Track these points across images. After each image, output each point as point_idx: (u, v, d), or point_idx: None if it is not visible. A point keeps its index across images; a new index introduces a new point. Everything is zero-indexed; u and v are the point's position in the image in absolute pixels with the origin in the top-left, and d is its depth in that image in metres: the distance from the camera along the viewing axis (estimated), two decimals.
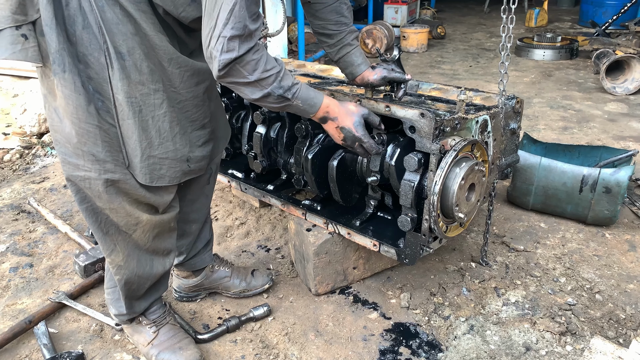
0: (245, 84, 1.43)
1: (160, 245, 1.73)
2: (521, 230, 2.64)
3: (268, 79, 1.44)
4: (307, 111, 1.62)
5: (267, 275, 2.21)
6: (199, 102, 1.60)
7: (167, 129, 1.53)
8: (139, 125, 1.48)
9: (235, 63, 1.37)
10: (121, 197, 1.56)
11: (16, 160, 3.57)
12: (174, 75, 1.50)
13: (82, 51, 1.40)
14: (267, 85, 1.45)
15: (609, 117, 4.27)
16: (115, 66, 1.41)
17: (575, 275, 2.28)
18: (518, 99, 2.13)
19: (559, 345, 1.90)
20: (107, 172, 1.50)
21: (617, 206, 2.53)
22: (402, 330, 1.99)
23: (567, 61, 6.12)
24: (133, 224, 1.62)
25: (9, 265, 2.41)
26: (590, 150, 2.92)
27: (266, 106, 1.56)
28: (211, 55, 1.37)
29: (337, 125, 1.69)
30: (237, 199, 2.96)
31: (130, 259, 1.69)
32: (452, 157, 1.67)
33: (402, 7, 7.51)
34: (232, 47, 1.34)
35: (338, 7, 1.87)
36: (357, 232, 2.01)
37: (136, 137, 1.49)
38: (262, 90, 1.45)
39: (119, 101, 1.45)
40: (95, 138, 1.47)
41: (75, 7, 1.37)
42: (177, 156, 1.58)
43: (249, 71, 1.40)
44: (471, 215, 1.87)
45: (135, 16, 1.39)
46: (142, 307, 1.84)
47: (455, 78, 5.56)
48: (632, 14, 6.87)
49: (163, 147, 1.54)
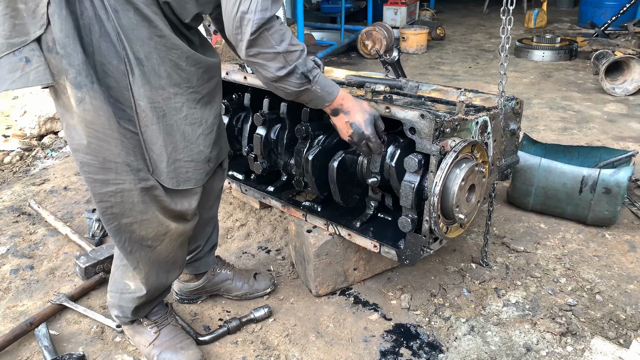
0: (272, 55, 1.40)
1: (180, 254, 1.75)
2: (521, 231, 2.64)
3: (294, 53, 1.42)
4: (324, 99, 1.59)
5: (269, 279, 2.21)
6: (212, 98, 1.62)
7: (190, 132, 1.53)
8: (163, 130, 1.48)
9: (264, 29, 1.34)
10: (155, 205, 1.55)
11: (16, 163, 3.58)
12: (192, 73, 1.50)
13: (101, 60, 1.38)
14: (292, 61, 1.43)
15: (608, 117, 4.28)
16: (137, 72, 1.40)
17: (575, 276, 2.28)
18: (518, 100, 2.14)
19: (559, 345, 1.90)
20: (142, 181, 1.50)
21: (617, 207, 2.53)
22: (402, 331, 2.00)
23: (566, 62, 6.13)
24: (162, 233, 1.62)
25: (10, 267, 2.41)
26: (589, 151, 2.92)
27: (283, 90, 1.52)
28: (244, 20, 1.34)
29: (348, 120, 1.68)
30: (237, 201, 2.96)
31: (151, 274, 1.70)
32: (452, 158, 1.67)
33: (401, 8, 7.52)
34: (265, 6, 1.32)
35: None
36: (358, 233, 2.01)
37: (161, 142, 1.48)
38: (288, 66, 1.43)
39: (142, 107, 1.44)
40: (128, 147, 1.46)
41: (91, 15, 1.35)
42: (200, 158, 1.58)
43: (277, 41, 1.38)
44: (471, 216, 1.87)
45: (152, 18, 1.38)
46: (147, 311, 1.85)
47: (454, 79, 5.56)
48: (631, 15, 6.88)
49: (188, 149, 1.54)
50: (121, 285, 1.77)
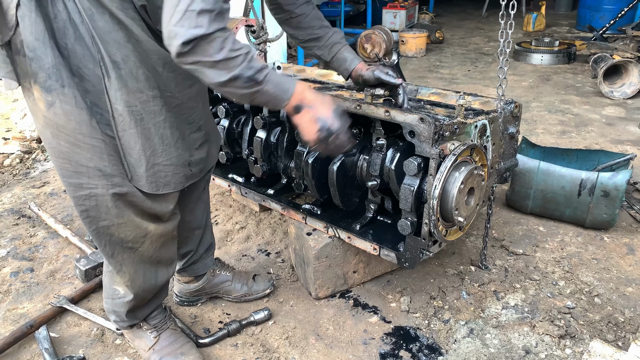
0: (210, 64, 1.27)
1: (165, 254, 1.73)
2: (520, 234, 2.65)
3: (236, 59, 1.29)
4: (280, 97, 1.46)
5: (268, 280, 2.21)
6: (194, 103, 1.59)
7: (168, 135, 1.51)
8: (141, 134, 1.45)
9: (200, 39, 1.22)
10: (130, 209, 1.53)
11: (16, 165, 3.58)
12: (169, 79, 1.47)
13: (76, 64, 1.35)
14: (234, 67, 1.30)
15: (606, 121, 4.29)
16: (112, 76, 1.38)
17: (574, 279, 2.29)
18: (516, 104, 2.15)
19: (558, 348, 1.91)
20: (115, 187, 1.48)
21: (615, 210, 2.54)
22: (402, 333, 2.00)
23: (565, 65, 6.15)
24: (141, 235, 1.60)
25: (10, 270, 2.41)
26: (588, 154, 2.93)
27: (233, 94, 1.40)
28: (173, 33, 1.22)
29: (313, 115, 1.51)
30: (237, 203, 2.96)
31: (137, 276, 1.68)
32: (451, 162, 1.68)
33: (400, 11, 7.55)
34: (200, 23, 1.20)
35: (317, 14, 1.90)
36: (358, 236, 2.02)
37: (140, 147, 1.46)
38: (229, 72, 1.29)
39: (119, 112, 1.41)
40: (102, 152, 1.44)
41: (65, 18, 1.32)
42: (179, 161, 1.57)
43: (216, 49, 1.25)
44: (471, 219, 1.88)
45: (126, 23, 1.36)
46: (144, 315, 1.84)
47: (453, 82, 5.58)
48: (630, 19, 6.91)
49: (167, 153, 1.52)
50: (111, 291, 1.76)
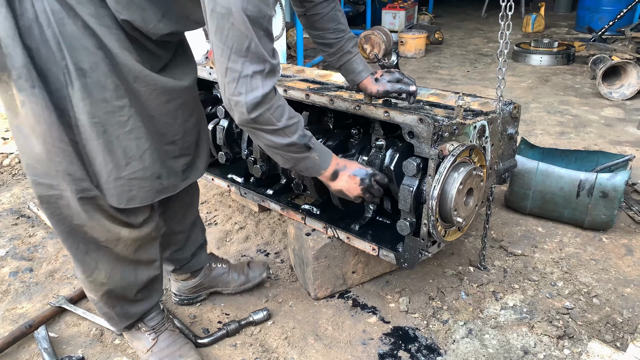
0: (272, 131, 1.39)
1: (143, 256, 1.68)
2: (519, 235, 2.66)
3: (293, 126, 1.42)
4: (320, 165, 1.60)
5: (262, 265, 2.24)
6: (170, 119, 1.53)
7: (133, 148, 1.44)
8: (103, 147, 1.40)
9: (264, 107, 1.32)
10: (99, 213, 1.50)
11: (15, 165, 3.58)
12: (140, 92, 1.42)
13: (41, 65, 1.30)
14: (292, 133, 1.42)
15: (605, 122, 4.30)
16: (76, 85, 1.33)
17: (572, 279, 2.30)
18: (515, 105, 2.15)
19: (556, 349, 1.91)
20: (84, 191, 1.44)
21: (614, 210, 2.55)
22: (401, 334, 2.00)
23: (563, 66, 6.16)
24: (114, 239, 1.56)
25: (9, 270, 2.41)
26: (587, 155, 2.94)
27: (282, 157, 1.51)
28: (233, 102, 1.31)
29: (349, 173, 1.70)
30: (237, 204, 2.97)
31: (114, 273, 1.63)
32: (450, 162, 1.69)
33: (400, 12, 7.55)
34: (255, 85, 1.28)
35: (334, 15, 1.84)
36: (357, 236, 2.02)
37: (101, 159, 1.42)
38: (288, 138, 1.42)
39: (81, 122, 1.37)
40: (71, 157, 1.39)
41: (31, 18, 1.27)
42: (146, 175, 1.49)
43: (277, 117, 1.36)
44: (469, 220, 1.88)
45: (98, 32, 1.31)
46: (136, 313, 1.79)
47: (452, 83, 5.59)
48: (628, 20, 6.92)
49: (130, 167, 1.45)
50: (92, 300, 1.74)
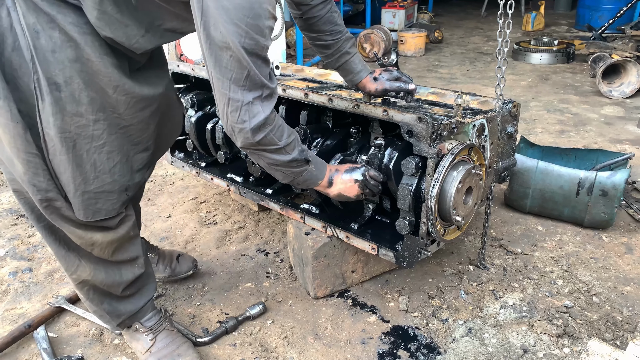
0: (274, 150, 1.45)
1: (123, 256, 1.66)
2: (518, 233, 2.65)
3: (292, 143, 1.49)
4: (317, 176, 1.66)
5: (191, 262, 2.26)
6: (144, 126, 1.53)
7: (104, 161, 1.44)
8: (72, 161, 1.39)
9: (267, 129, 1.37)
10: (67, 222, 1.49)
11: None
12: (119, 102, 1.41)
13: (12, 74, 1.28)
14: (292, 150, 1.49)
15: (605, 120, 4.30)
16: (47, 100, 1.31)
17: (572, 278, 2.29)
18: (515, 103, 2.15)
19: (556, 347, 1.91)
20: (48, 200, 1.43)
21: (613, 209, 2.54)
22: (400, 333, 2.00)
23: (563, 65, 6.15)
24: (88, 244, 1.56)
25: (9, 270, 2.41)
26: (586, 154, 2.93)
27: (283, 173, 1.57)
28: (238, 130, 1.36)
29: (342, 176, 1.75)
30: (236, 203, 2.96)
31: (97, 271, 1.63)
32: (449, 161, 1.68)
33: (399, 11, 7.54)
34: (256, 110, 1.33)
35: (330, 17, 1.85)
36: (356, 235, 2.02)
37: (69, 174, 1.40)
38: (289, 155, 1.48)
39: (50, 136, 1.34)
40: (36, 168, 1.38)
41: (5, 26, 1.25)
42: (114, 188, 1.49)
43: (279, 137, 1.42)
44: (469, 219, 1.88)
45: (79, 40, 1.30)
46: (126, 310, 1.77)
47: (452, 82, 5.58)
48: (628, 18, 6.92)
49: (99, 180, 1.45)
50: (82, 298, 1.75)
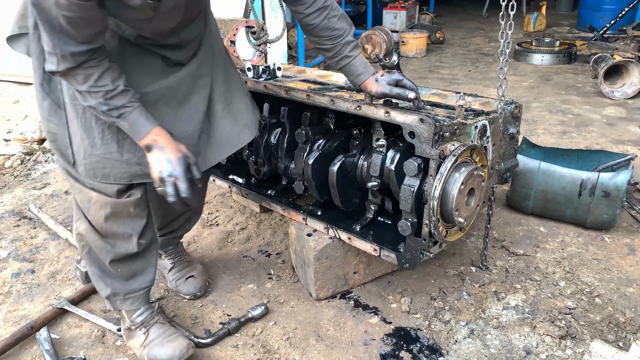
0: (78, 90, 1.51)
1: (117, 229, 1.73)
2: (521, 235, 2.65)
3: (96, 93, 1.49)
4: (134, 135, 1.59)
5: (196, 289, 2.21)
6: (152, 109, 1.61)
7: (113, 132, 1.60)
8: (82, 125, 1.59)
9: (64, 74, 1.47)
10: (72, 179, 1.70)
11: (17, 167, 3.59)
12: None
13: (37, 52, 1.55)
14: (93, 99, 1.50)
15: (607, 121, 4.29)
16: None
17: (574, 279, 2.29)
18: (517, 104, 2.15)
19: (559, 349, 1.91)
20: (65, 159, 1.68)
21: (616, 210, 2.54)
22: (402, 334, 2.00)
23: (565, 65, 6.15)
24: (87, 200, 1.69)
25: (11, 272, 2.41)
26: (589, 155, 2.93)
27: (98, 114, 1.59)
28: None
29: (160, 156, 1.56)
30: (238, 204, 2.97)
31: (91, 233, 1.75)
32: (451, 162, 1.68)
33: (401, 12, 7.55)
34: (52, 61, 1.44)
35: (327, 23, 1.88)
36: (358, 237, 2.02)
37: (79, 136, 1.61)
38: (88, 102, 1.51)
39: (66, 103, 1.60)
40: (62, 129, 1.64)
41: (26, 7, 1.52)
42: (122, 158, 1.62)
43: (80, 82, 1.48)
44: (471, 220, 1.88)
45: None
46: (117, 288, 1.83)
47: (454, 83, 5.58)
48: (630, 19, 6.91)
49: (106, 147, 1.61)
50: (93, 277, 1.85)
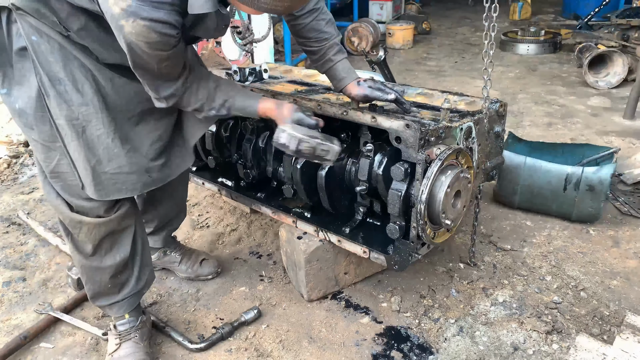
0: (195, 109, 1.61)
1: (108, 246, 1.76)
2: (508, 229, 2.69)
3: (202, 106, 1.60)
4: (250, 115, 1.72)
5: (214, 267, 2.37)
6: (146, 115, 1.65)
7: (118, 146, 1.57)
8: (84, 145, 1.53)
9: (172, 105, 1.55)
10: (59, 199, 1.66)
11: (4, 170, 3.55)
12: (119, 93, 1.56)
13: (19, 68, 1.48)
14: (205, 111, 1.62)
15: (592, 112, 4.34)
16: (52, 94, 1.46)
17: (560, 273, 2.34)
18: (502, 103, 2.17)
19: (545, 344, 1.95)
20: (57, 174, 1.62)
21: (600, 203, 2.59)
22: (393, 334, 2.04)
23: (550, 55, 6.19)
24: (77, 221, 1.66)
25: (2, 280, 2.40)
26: (574, 148, 2.97)
27: None
28: None
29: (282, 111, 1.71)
30: (228, 205, 2.97)
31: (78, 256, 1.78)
32: (437, 167, 1.70)
33: (387, 3, 7.53)
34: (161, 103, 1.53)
35: (316, 25, 1.89)
36: (348, 239, 2.04)
37: (83, 157, 1.54)
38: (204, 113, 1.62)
39: (61, 125, 1.50)
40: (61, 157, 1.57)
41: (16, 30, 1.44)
42: (132, 170, 1.62)
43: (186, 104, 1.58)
44: (458, 221, 1.91)
45: (66, 46, 1.45)
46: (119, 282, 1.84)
47: (441, 75, 5.60)
48: (614, 6, 6.96)
49: (114, 162, 1.58)
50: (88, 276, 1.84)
